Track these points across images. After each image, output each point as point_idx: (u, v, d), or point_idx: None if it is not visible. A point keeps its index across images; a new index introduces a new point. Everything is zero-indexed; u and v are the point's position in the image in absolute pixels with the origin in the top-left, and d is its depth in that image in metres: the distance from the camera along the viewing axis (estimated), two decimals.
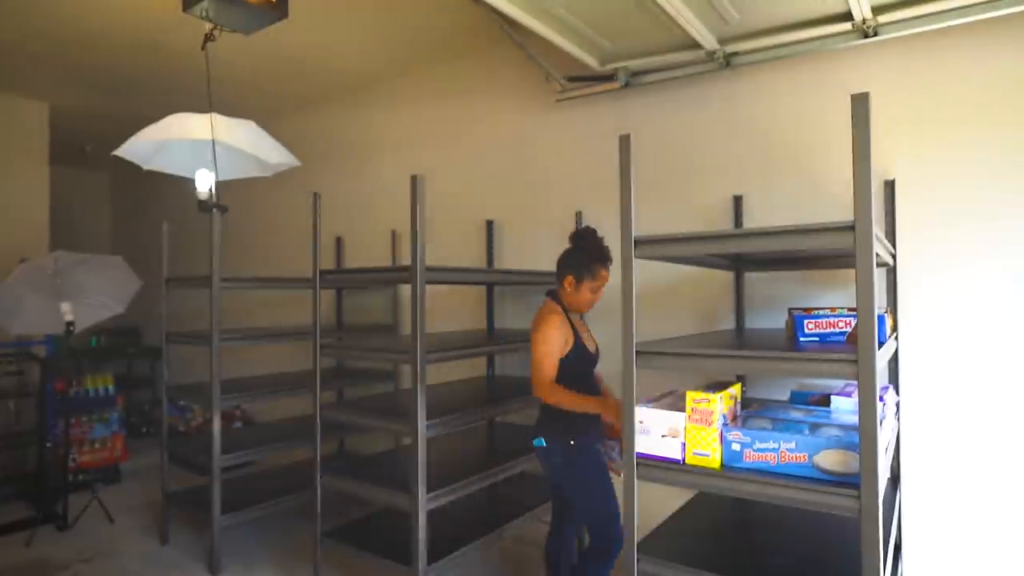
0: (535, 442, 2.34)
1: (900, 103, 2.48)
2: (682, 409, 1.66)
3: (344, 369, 4.45)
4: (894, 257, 2.41)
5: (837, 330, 1.74)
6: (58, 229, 5.22)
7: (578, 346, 2.33)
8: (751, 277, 2.78)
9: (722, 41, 2.66)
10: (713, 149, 2.92)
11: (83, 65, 4.10)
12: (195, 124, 3.03)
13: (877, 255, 1.47)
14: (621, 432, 1.75)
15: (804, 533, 2.07)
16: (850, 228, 1.41)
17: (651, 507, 2.00)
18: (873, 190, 1.42)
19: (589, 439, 2.27)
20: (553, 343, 2.25)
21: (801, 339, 1.80)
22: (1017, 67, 2.29)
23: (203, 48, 2.73)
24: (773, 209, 2.75)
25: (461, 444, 3.22)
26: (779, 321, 2.48)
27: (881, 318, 1.53)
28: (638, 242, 1.70)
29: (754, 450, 1.58)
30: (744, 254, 2.30)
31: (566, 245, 2.36)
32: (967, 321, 2.37)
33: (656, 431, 1.68)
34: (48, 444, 4.07)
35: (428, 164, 4.00)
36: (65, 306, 3.57)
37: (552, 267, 2.41)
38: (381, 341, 3.71)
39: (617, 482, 1.94)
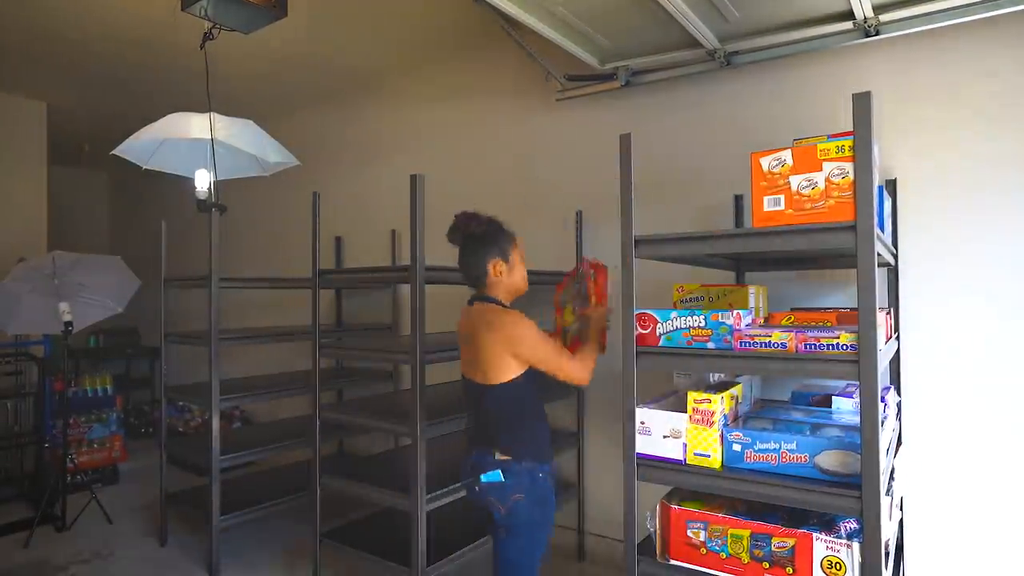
0: (485, 477, 1.84)
1: (902, 102, 2.48)
2: (683, 410, 1.66)
3: (344, 369, 4.45)
4: (895, 257, 2.40)
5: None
6: (56, 229, 5.22)
7: None
8: (751, 277, 2.78)
9: (723, 40, 2.65)
10: (713, 149, 2.91)
11: (81, 64, 4.09)
12: (194, 123, 3.03)
13: (878, 255, 1.46)
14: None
15: None
16: (851, 228, 1.40)
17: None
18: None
19: (551, 473, 1.90)
20: (535, 334, 1.82)
21: None
22: (1018, 65, 2.28)
23: (202, 47, 2.72)
24: None
25: (461, 444, 3.21)
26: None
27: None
28: (638, 242, 1.69)
29: (755, 451, 1.57)
30: (744, 254, 2.29)
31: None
32: (969, 321, 2.36)
33: (657, 432, 1.68)
34: (46, 445, 4.07)
35: (428, 164, 4.00)
36: (63, 306, 3.56)
37: (552, 267, 2.41)
38: (381, 341, 3.71)
39: (617, 482, 1.92)
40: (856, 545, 1.43)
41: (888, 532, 1.62)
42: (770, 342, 1.52)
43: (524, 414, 1.89)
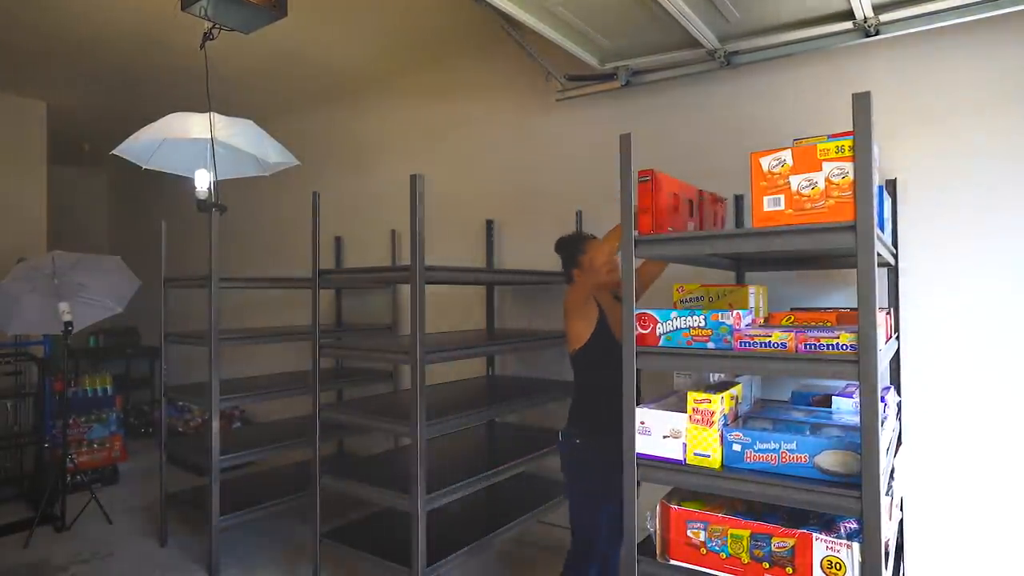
0: (560, 435, 2.35)
1: (901, 102, 2.48)
2: (683, 410, 1.66)
3: (344, 369, 4.45)
4: (895, 256, 2.40)
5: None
6: (56, 229, 5.22)
7: (600, 328, 2.23)
8: (751, 277, 2.78)
9: (723, 40, 2.65)
10: (713, 148, 2.92)
11: (81, 64, 4.09)
12: (194, 123, 3.03)
13: (878, 255, 1.46)
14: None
15: None
16: (851, 228, 1.40)
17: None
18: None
19: (597, 444, 2.17)
20: (575, 304, 2.28)
21: None
22: (1018, 65, 2.28)
23: (202, 47, 2.71)
24: None
25: (461, 444, 3.22)
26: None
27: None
28: (638, 242, 1.69)
29: (755, 451, 1.57)
30: (744, 254, 2.29)
31: None
32: (969, 321, 2.36)
33: (657, 432, 1.68)
34: (46, 445, 4.07)
35: (428, 164, 4.00)
36: (63, 306, 3.56)
37: (553, 267, 2.43)
38: (381, 341, 3.71)
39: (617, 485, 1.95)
40: (856, 545, 1.43)
41: (888, 532, 1.62)
42: (770, 342, 1.52)
43: (587, 386, 2.32)
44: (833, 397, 1.94)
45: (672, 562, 1.67)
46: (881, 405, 1.40)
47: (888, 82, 2.49)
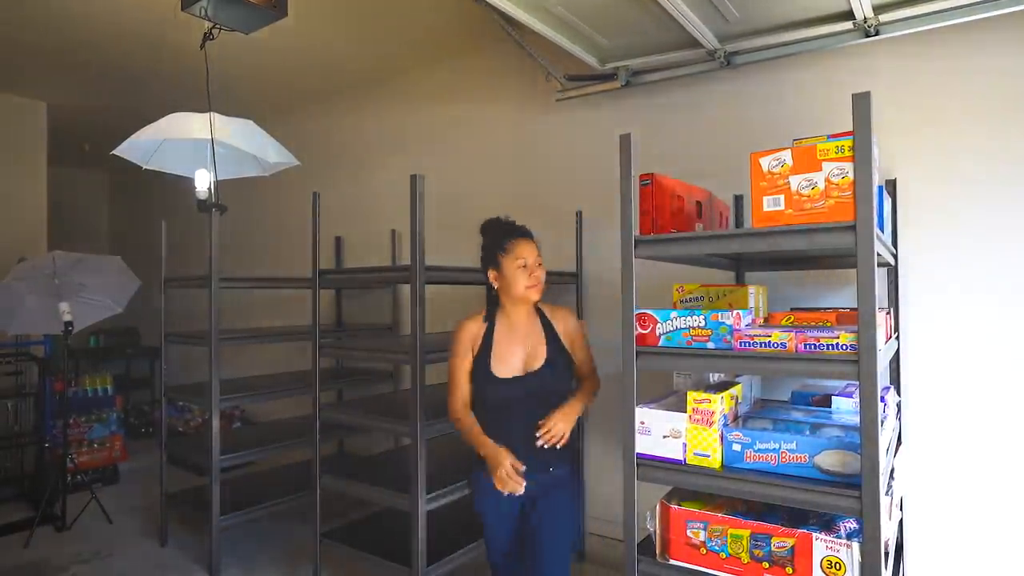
0: None
1: (902, 101, 2.47)
2: (683, 410, 1.66)
3: (344, 369, 4.45)
4: (895, 257, 2.40)
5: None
6: (56, 229, 5.22)
7: (478, 362, 1.98)
8: (751, 277, 2.78)
9: (723, 40, 2.65)
10: (713, 149, 2.91)
11: (81, 64, 4.09)
12: (194, 123, 3.03)
13: (878, 255, 1.46)
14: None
15: None
16: (851, 228, 1.40)
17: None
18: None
19: (484, 478, 1.97)
20: (458, 354, 2.00)
21: None
22: (1019, 65, 2.28)
23: (202, 47, 2.72)
24: None
25: (461, 444, 3.21)
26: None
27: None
28: (638, 242, 1.70)
29: (755, 451, 1.57)
30: (744, 254, 2.29)
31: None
32: (969, 320, 2.36)
33: (657, 432, 1.68)
34: (47, 444, 4.07)
35: (428, 164, 3.99)
36: (63, 306, 3.57)
37: (552, 267, 2.42)
38: (381, 341, 3.71)
39: (617, 482, 1.93)
40: (856, 545, 1.43)
41: (888, 532, 1.62)
42: (770, 342, 1.52)
43: (480, 411, 2.04)
44: (833, 397, 1.94)
45: (672, 562, 1.67)
46: (881, 405, 1.40)
47: (888, 82, 2.49)
